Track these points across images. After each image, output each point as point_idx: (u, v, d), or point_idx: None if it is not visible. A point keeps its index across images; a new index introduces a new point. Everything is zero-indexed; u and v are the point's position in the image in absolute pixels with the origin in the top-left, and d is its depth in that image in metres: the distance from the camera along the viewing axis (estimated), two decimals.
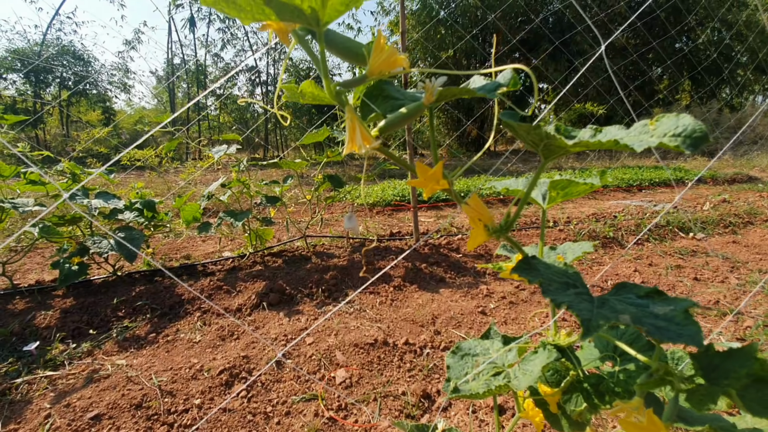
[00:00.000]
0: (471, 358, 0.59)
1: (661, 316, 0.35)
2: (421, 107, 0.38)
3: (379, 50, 0.35)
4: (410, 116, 0.38)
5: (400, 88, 0.45)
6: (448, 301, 2.10)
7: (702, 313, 1.91)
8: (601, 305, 0.35)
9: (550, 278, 0.39)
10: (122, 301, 2.10)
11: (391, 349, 1.66)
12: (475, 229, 0.42)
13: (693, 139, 0.30)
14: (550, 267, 0.43)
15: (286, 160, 2.41)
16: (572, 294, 0.36)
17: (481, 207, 0.41)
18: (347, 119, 0.36)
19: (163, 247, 3.16)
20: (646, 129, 0.34)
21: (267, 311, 2.02)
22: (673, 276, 2.36)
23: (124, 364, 1.62)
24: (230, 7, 0.29)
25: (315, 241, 3.08)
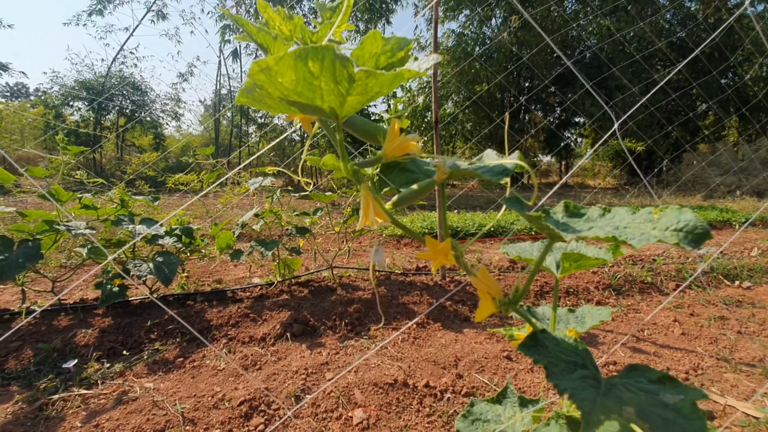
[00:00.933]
0: (482, 424, 0.58)
1: (671, 406, 0.35)
2: (432, 184, 0.41)
3: (393, 136, 0.38)
4: (422, 192, 0.41)
5: (416, 159, 0.48)
6: (472, 343, 2.05)
7: (747, 371, 1.77)
8: (607, 392, 0.35)
9: (557, 357, 0.40)
10: (155, 323, 2.18)
11: (411, 391, 1.63)
12: (484, 300, 0.43)
13: (694, 235, 0.31)
14: (559, 343, 0.43)
15: (316, 192, 2.49)
16: (578, 378, 0.36)
17: (489, 280, 0.42)
18: (362, 195, 0.39)
19: (198, 270, 3.28)
20: (650, 218, 0.35)
21: (290, 342, 2.05)
22: (715, 328, 2.21)
23: (152, 388, 1.67)
24: (260, 105, 0.33)
25: (341, 272, 3.11)
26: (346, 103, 0.33)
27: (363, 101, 0.34)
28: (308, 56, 0.29)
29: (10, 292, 2.76)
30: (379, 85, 0.31)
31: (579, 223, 0.40)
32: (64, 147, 2.27)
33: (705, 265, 3.17)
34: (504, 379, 1.72)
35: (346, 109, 0.34)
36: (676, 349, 1.97)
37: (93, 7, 16.97)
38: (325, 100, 0.33)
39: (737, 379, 1.69)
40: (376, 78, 0.30)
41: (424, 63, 0.34)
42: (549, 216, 0.44)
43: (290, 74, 0.30)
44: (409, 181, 0.44)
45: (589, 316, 0.61)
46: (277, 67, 0.29)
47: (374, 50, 0.41)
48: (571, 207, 0.43)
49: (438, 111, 2.76)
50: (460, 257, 0.43)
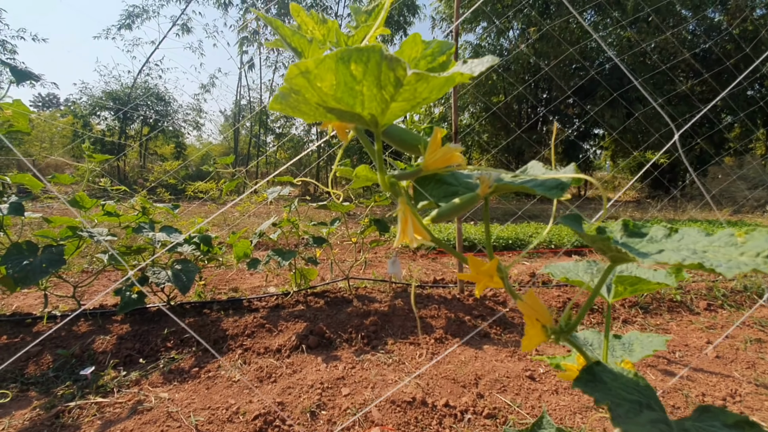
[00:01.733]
0: None
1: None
2: (475, 199, 0.37)
3: (435, 147, 0.34)
4: (463, 208, 0.37)
5: (455, 172, 0.44)
6: (492, 361, 1.98)
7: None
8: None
9: (618, 395, 0.35)
10: (172, 332, 2.18)
11: (430, 410, 1.57)
12: (531, 328, 0.39)
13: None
14: (617, 377, 0.38)
15: (334, 203, 2.47)
16: (647, 423, 0.31)
17: (538, 305, 0.38)
18: (400, 210, 0.36)
19: (214, 278, 3.29)
20: (732, 241, 0.31)
21: (306, 354, 2.01)
22: (753, 351, 2.08)
23: (167, 398, 1.65)
24: (295, 111, 0.31)
25: (357, 283, 3.07)
26: (388, 110, 0.30)
27: (407, 108, 0.31)
28: (351, 58, 0.26)
29: (33, 296, 2.81)
30: (429, 89, 0.28)
31: (643, 244, 0.35)
32: (89, 155, 2.32)
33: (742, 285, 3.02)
34: (528, 401, 1.65)
35: (388, 116, 0.31)
36: (710, 373, 1.86)
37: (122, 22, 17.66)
38: (366, 106, 0.30)
39: (759, 401, 1.58)
40: (428, 82, 0.27)
41: (477, 66, 0.31)
42: (604, 235, 0.39)
43: (330, 78, 0.27)
44: (448, 194, 0.40)
45: (638, 344, 0.56)
46: (317, 70, 0.27)
47: (414, 54, 0.38)
48: (631, 226, 0.38)
49: (457, 121, 2.73)
50: (505, 279, 0.39)
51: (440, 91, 0.29)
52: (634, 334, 0.59)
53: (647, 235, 0.38)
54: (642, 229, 0.39)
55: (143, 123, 21.02)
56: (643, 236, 0.38)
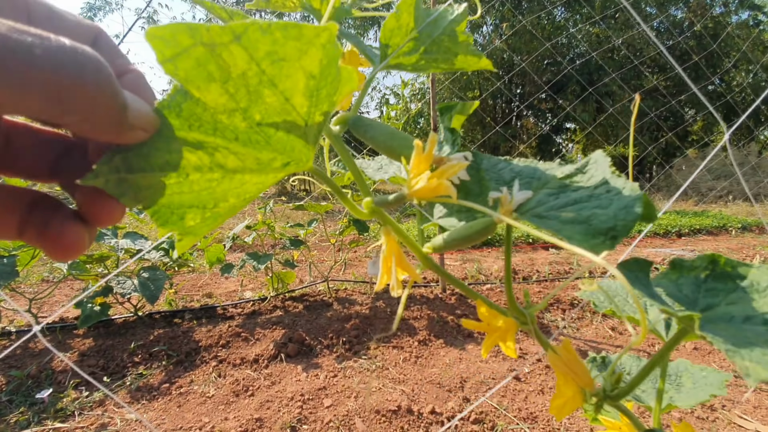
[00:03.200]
0: None
1: None
2: (491, 228, 0.30)
3: (417, 171, 0.27)
4: (474, 238, 0.30)
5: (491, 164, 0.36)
6: (477, 362, 1.94)
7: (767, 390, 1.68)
8: None
9: None
10: (139, 345, 2.05)
11: (416, 418, 1.51)
12: (566, 388, 0.31)
13: None
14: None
15: (311, 203, 2.38)
16: None
17: (575, 362, 0.31)
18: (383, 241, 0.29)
19: (186, 283, 3.14)
20: None
21: (285, 363, 1.92)
22: None
23: (134, 419, 1.54)
24: None
25: (337, 285, 2.99)
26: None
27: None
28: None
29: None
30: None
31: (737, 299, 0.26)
32: None
33: None
34: (514, 402, 1.62)
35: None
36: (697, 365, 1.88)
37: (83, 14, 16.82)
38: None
39: (759, 399, 1.60)
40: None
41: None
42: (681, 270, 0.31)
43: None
44: (462, 209, 0.33)
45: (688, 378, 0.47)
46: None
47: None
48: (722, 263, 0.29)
49: (436, 116, 2.68)
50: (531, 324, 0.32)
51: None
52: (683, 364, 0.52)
53: (746, 278, 0.28)
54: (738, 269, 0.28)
55: None
56: (739, 279, 0.28)
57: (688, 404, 0.43)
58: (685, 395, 0.43)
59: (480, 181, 0.33)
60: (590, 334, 2.27)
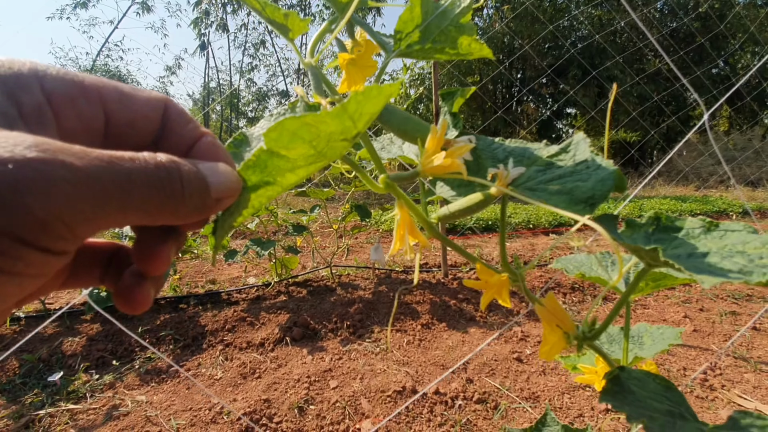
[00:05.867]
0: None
1: None
2: (489, 200, 0.32)
3: (432, 151, 0.29)
4: (474, 209, 0.32)
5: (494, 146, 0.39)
6: (479, 344, 1.98)
7: (767, 371, 1.72)
8: None
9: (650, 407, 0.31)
10: (146, 330, 2.08)
11: (421, 398, 1.55)
12: (551, 335, 0.34)
13: None
14: (643, 383, 0.35)
15: (313, 189, 2.39)
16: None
17: (558, 311, 0.34)
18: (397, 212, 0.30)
19: (190, 270, 3.17)
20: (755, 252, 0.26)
21: (290, 347, 1.96)
22: (728, 324, 2.16)
23: (144, 401, 1.57)
24: None
25: (340, 270, 3.02)
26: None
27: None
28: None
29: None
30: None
31: (679, 244, 0.31)
32: None
33: None
34: (516, 383, 1.65)
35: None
36: (689, 347, 1.92)
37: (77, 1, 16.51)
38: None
39: (758, 379, 1.63)
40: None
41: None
42: (633, 228, 0.35)
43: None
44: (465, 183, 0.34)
45: (648, 336, 0.53)
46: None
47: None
48: (664, 219, 0.34)
49: (438, 101, 2.66)
50: (522, 283, 0.34)
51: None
52: (643, 326, 0.56)
53: (682, 229, 0.34)
54: (676, 222, 0.34)
55: None
56: (677, 231, 0.34)
57: (650, 355, 0.46)
58: (647, 350, 0.47)
59: (477, 159, 0.35)
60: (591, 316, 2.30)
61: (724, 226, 0.32)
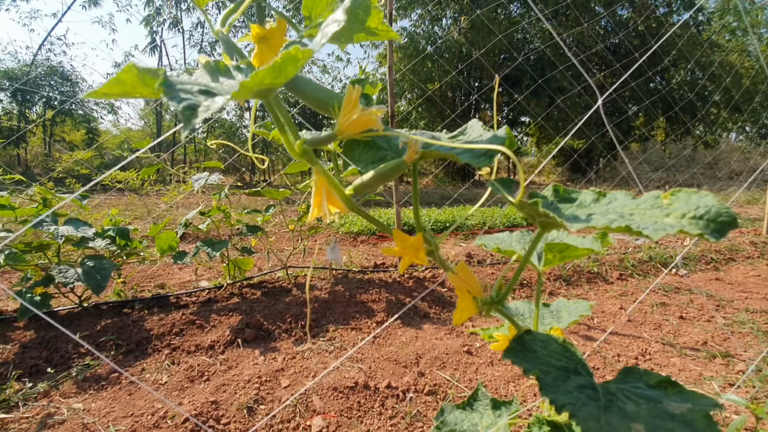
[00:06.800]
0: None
1: (678, 417, 0.30)
2: (401, 166, 0.34)
3: (349, 108, 0.31)
4: (388, 176, 0.34)
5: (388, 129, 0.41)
6: (432, 339, 2.02)
7: (692, 355, 1.88)
8: (608, 405, 0.30)
9: (547, 363, 0.35)
10: (85, 335, 1.96)
11: (373, 393, 1.56)
12: (463, 300, 0.37)
13: (718, 224, 0.26)
14: (546, 345, 0.38)
15: (268, 188, 2.35)
16: (574, 389, 0.31)
17: (469, 277, 0.36)
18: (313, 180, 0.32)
19: (137, 274, 3.02)
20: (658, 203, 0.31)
21: (242, 349, 1.91)
22: (658, 314, 2.34)
23: (81, 409, 1.48)
24: None
25: (297, 272, 2.99)
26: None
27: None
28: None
29: None
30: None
31: (572, 209, 0.35)
32: None
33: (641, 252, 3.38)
34: (465, 374, 1.70)
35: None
36: (624, 335, 2.06)
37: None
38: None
39: (683, 363, 1.78)
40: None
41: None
42: (536, 197, 0.39)
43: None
44: (377, 160, 0.37)
45: (565, 311, 0.58)
46: None
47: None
48: (561, 191, 0.38)
49: (393, 104, 2.71)
50: (435, 251, 0.36)
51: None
52: (561, 302, 0.61)
53: (576, 200, 0.38)
54: (572, 194, 0.38)
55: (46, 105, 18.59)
56: (572, 201, 0.38)
57: (564, 325, 0.50)
58: (563, 321, 0.52)
59: (388, 140, 0.38)
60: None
61: (611, 196, 0.36)
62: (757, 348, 1.94)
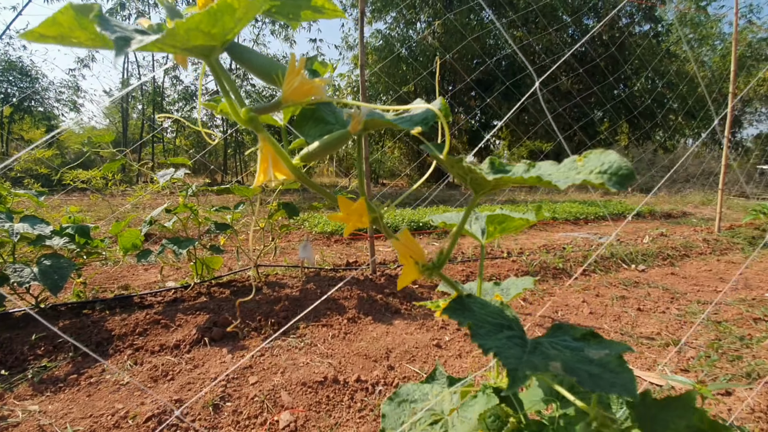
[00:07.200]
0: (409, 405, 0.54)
1: (596, 361, 0.33)
2: (346, 136, 0.36)
3: (293, 76, 0.32)
4: (334, 145, 0.36)
5: (335, 109, 0.43)
6: (402, 334, 2.05)
7: (647, 344, 1.98)
8: (533, 350, 0.33)
9: (483, 320, 0.37)
10: (42, 337, 1.88)
11: (342, 387, 1.57)
12: (406, 266, 0.39)
13: (619, 176, 0.30)
14: (485, 306, 0.40)
15: (237, 186, 2.32)
16: (503, 338, 0.33)
17: (411, 243, 0.38)
18: (260, 147, 0.33)
19: (99, 276, 2.91)
20: (574, 165, 0.34)
21: (209, 347, 1.88)
22: (618, 306, 2.45)
23: (37, 410, 1.42)
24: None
25: (268, 270, 2.95)
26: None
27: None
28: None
29: None
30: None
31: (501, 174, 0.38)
32: None
33: (602, 249, 3.53)
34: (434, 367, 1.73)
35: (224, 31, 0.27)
36: (585, 327, 2.14)
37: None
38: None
39: (639, 351, 1.87)
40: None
41: None
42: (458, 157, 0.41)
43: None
44: (324, 133, 0.38)
45: (513, 287, 0.61)
46: None
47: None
48: (497, 163, 0.41)
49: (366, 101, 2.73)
50: (379, 219, 0.38)
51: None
52: (511, 281, 0.64)
53: (511, 171, 0.41)
54: (506, 167, 0.41)
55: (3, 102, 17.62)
56: (507, 172, 0.40)
57: (510, 297, 0.53)
58: (510, 294, 0.54)
59: (336, 116, 0.40)
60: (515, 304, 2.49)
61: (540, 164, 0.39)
62: (706, 336, 2.06)
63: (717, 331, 2.10)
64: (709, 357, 1.81)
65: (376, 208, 0.38)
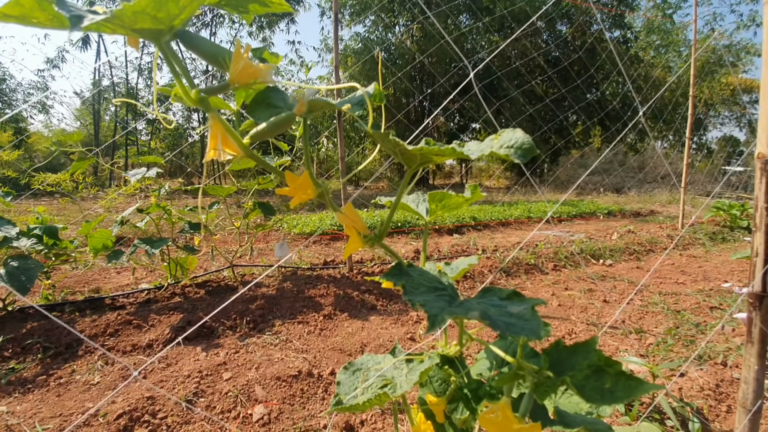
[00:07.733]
0: (362, 372, 0.58)
1: (515, 314, 0.38)
2: (291, 117, 0.40)
3: (238, 59, 0.36)
4: (280, 126, 0.40)
5: (285, 97, 0.47)
6: (378, 329, 2.08)
7: (611, 333, 2.07)
8: (459, 305, 0.37)
9: (418, 283, 0.41)
10: (10, 339, 1.84)
11: (316, 380, 1.60)
12: (351, 237, 0.43)
13: (522, 150, 0.34)
14: (423, 274, 0.45)
15: (212, 185, 2.32)
16: (434, 295, 0.38)
17: (354, 216, 0.42)
18: (210, 125, 0.36)
19: (69, 279, 2.84)
20: (491, 143, 0.38)
21: (182, 347, 1.87)
22: (585, 299, 2.55)
23: (5, 411, 1.40)
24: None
25: (244, 270, 2.95)
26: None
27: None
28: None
29: None
30: None
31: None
32: None
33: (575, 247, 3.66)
34: None
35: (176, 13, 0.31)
36: (554, 318, 2.23)
37: None
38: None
39: (604, 339, 1.96)
40: None
41: None
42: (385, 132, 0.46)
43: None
44: (273, 116, 0.42)
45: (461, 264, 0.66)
46: None
47: None
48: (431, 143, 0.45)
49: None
50: (325, 193, 0.42)
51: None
52: (461, 260, 0.69)
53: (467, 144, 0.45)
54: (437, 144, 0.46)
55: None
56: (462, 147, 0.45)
57: (455, 272, 0.57)
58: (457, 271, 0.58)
59: (285, 102, 0.43)
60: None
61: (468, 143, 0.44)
62: (666, 324, 2.17)
63: (675, 320, 2.21)
64: (666, 342, 1.91)
65: (320, 183, 0.42)
